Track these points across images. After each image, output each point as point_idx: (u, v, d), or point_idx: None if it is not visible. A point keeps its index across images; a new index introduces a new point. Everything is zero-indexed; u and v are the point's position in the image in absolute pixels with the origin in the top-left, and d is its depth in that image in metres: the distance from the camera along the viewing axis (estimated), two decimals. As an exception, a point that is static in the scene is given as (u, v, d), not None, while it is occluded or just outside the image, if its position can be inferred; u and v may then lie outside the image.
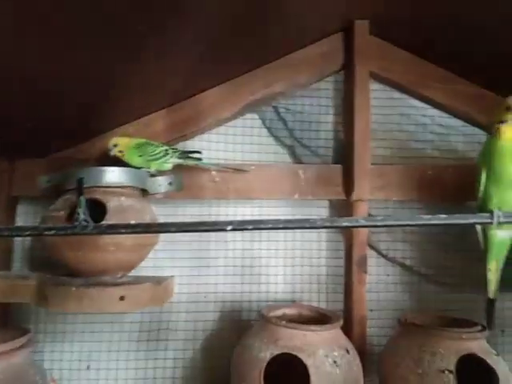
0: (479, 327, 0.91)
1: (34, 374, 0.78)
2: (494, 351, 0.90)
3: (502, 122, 0.73)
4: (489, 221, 0.61)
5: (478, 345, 0.88)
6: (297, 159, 1.14)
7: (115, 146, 0.96)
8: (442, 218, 0.58)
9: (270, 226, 0.60)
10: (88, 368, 1.05)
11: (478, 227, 0.82)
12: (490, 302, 0.87)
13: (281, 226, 0.60)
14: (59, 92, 0.81)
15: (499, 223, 0.61)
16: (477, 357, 0.86)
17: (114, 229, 0.61)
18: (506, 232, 0.78)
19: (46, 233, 0.58)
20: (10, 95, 0.76)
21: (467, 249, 1.12)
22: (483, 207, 0.76)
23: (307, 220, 0.61)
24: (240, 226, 0.60)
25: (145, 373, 1.07)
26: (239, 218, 1.12)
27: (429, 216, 0.59)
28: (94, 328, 1.07)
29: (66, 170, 0.94)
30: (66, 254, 0.85)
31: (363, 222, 0.60)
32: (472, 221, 0.61)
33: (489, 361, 0.86)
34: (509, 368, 0.88)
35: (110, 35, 0.71)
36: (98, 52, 0.74)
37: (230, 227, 0.60)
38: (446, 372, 0.85)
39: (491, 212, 0.63)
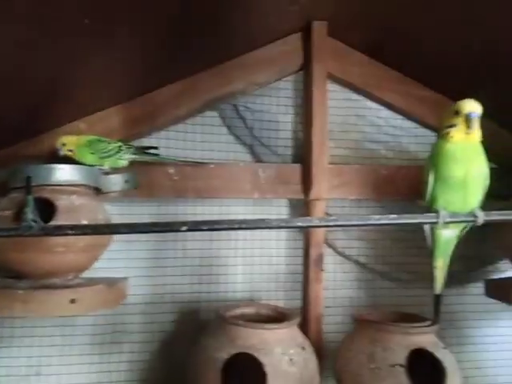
0: (428, 322, 0.95)
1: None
2: (442, 344, 0.94)
3: (451, 126, 0.75)
4: (435, 220, 0.63)
5: (427, 339, 0.92)
6: (256, 158, 1.14)
7: (63, 145, 0.92)
8: (390, 218, 0.60)
9: (225, 226, 0.60)
10: (37, 374, 1.01)
11: (426, 226, 0.85)
12: (437, 298, 0.91)
13: (236, 226, 0.60)
14: (5, 84, 0.77)
15: (444, 223, 0.64)
16: (426, 351, 0.90)
17: (62, 230, 0.58)
18: (451, 231, 0.82)
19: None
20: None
21: (420, 245, 1.15)
22: (430, 207, 0.79)
23: (262, 220, 0.61)
24: (195, 226, 0.59)
25: (98, 377, 1.04)
26: (199, 218, 1.10)
27: (378, 216, 0.60)
28: (45, 332, 1.02)
29: (12, 166, 0.89)
30: (10, 255, 0.81)
31: (317, 222, 0.60)
32: (419, 220, 0.63)
33: (437, 354, 0.89)
34: (456, 360, 0.93)
35: (57, 29, 0.68)
36: (49, 46, 0.71)
37: (184, 228, 0.59)
38: (397, 366, 0.88)
39: (437, 212, 0.65)
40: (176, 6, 0.77)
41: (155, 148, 1.01)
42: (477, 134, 0.75)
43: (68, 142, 0.93)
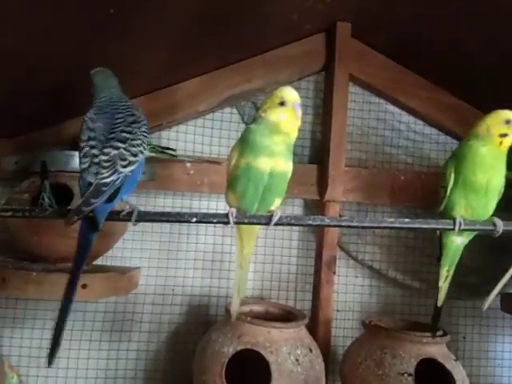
0: (440, 332, 0.93)
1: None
2: (453, 356, 0.92)
3: (504, 135, 0.73)
4: (451, 227, 0.62)
5: (437, 349, 0.90)
6: (273, 157, 1.13)
7: None
8: (404, 222, 0.59)
9: (235, 220, 0.60)
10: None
11: (437, 233, 0.83)
12: (436, 310, 0.88)
13: (246, 220, 0.60)
14: (31, 75, 0.79)
15: (460, 230, 0.62)
16: (436, 361, 0.88)
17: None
18: (462, 239, 0.79)
19: (2, 214, 0.56)
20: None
21: (434, 254, 1.13)
22: (446, 213, 0.77)
23: (272, 216, 0.61)
24: (204, 218, 0.59)
25: (106, 364, 1.06)
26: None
27: (391, 219, 0.59)
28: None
29: (33, 152, 0.91)
30: (28, 237, 0.83)
31: (328, 222, 0.60)
32: (434, 226, 0.61)
33: (447, 365, 0.87)
34: (467, 373, 0.90)
35: (83, 19, 0.70)
36: (73, 33, 0.73)
37: (194, 219, 0.59)
38: (406, 375, 0.86)
39: (454, 219, 0.64)
40: (200, 4, 0.78)
41: (173, 149, 1.02)
42: None
43: None
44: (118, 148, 0.63)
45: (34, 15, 0.65)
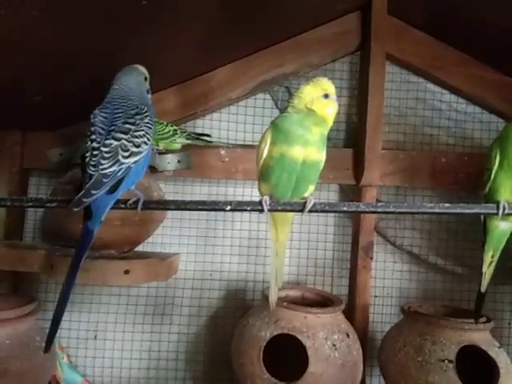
0: (484, 319, 0.90)
1: (40, 340, 0.81)
2: (496, 343, 0.89)
3: None
4: (494, 211, 0.59)
5: (480, 336, 0.88)
6: (307, 141, 1.12)
7: None
8: (444, 207, 0.57)
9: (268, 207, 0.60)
10: (95, 338, 1.09)
11: (481, 217, 0.80)
12: (480, 296, 0.85)
13: (279, 208, 0.60)
14: (71, 66, 0.82)
15: (504, 214, 0.59)
16: (479, 348, 0.86)
17: (114, 204, 0.61)
18: (507, 224, 0.76)
19: (48, 205, 0.59)
20: (23, 68, 0.77)
21: (478, 239, 1.09)
22: (490, 197, 0.73)
23: (305, 203, 0.60)
24: (238, 206, 0.60)
25: (149, 346, 1.10)
26: (246, 199, 1.12)
27: (431, 204, 0.57)
28: (102, 300, 1.10)
29: (76, 144, 0.95)
30: (73, 226, 0.87)
31: (363, 208, 0.59)
32: (476, 211, 0.59)
33: (490, 353, 0.85)
34: (512, 360, 0.87)
35: (121, 10, 0.71)
36: (109, 27, 0.74)
37: (228, 207, 0.60)
38: (446, 361, 0.85)
39: (497, 203, 0.61)
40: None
41: (208, 135, 1.03)
42: None
43: None
44: (119, 139, 0.63)
45: (72, 14, 0.67)
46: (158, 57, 0.91)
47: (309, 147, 0.61)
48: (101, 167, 0.60)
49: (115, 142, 0.62)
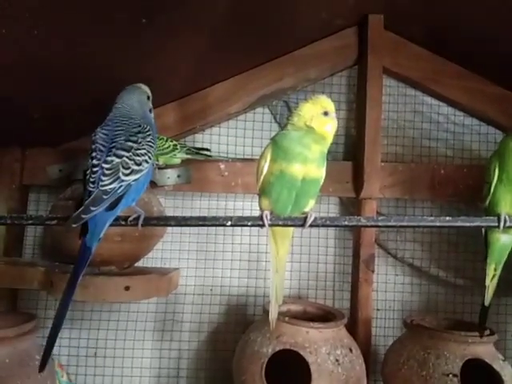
0: (487, 331, 0.89)
1: (40, 359, 0.80)
2: (501, 356, 0.88)
3: None
4: (495, 224, 0.59)
5: (484, 349, 0.87)
6: (307, 155, 1.12)
7: None
8: (445, 221, 0.57)
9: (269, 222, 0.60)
10: (95, 355, 1.08)
11: (482, 230, 0.80)
12: (483, 309, 0.85)
13: (280, 223, 0.60)
14: (71, 83, 0.82)
15: (506, 227, 0.59)
16: (483, 361, 0.85)
17: (115, 220, 0.61)
18: (509, 236, 0.76)
19: (48, 222, 0.59)
20: (23, 85, 0.78)
21: (480, 251, 1.09)
22: (490, 210, 0.73)
23: (306, 218, 0.60)
24: (239, 221, 0.60)
25: (150, 362, 1.09)
26: (247, 213, 1.12)
27: (432, 217, 0.57)
28: (102, 316, 1.09)
29: (75, 160, 0.95)
30: (72, 242, 0.86)
31: (364, 222, 0.59)
32: (477, 224, 0.59)
33: (495, 366, 0.84)
34: (517, 373, 0.86)
35: (120, 29, 0.72)
36: (109, 44, 0.75)
37: (229, 223, 0.60)
38: (451, 376, 0.84)
39: (498, 216, 0.61)
40: (227, 6, 0.78)
41: (207, 150, 1.04)
42: None
43: None
44: (121, 156, 0.63)
45: (72, 30, 0.68)
46: (158, 73, 0.92)
47: (308, 164, 0.61)
48: (101, 184, 0.60)
49: (116, 159, 0.62)
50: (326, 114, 0.63)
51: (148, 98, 0.76)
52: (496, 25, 0.90)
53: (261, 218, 0.61)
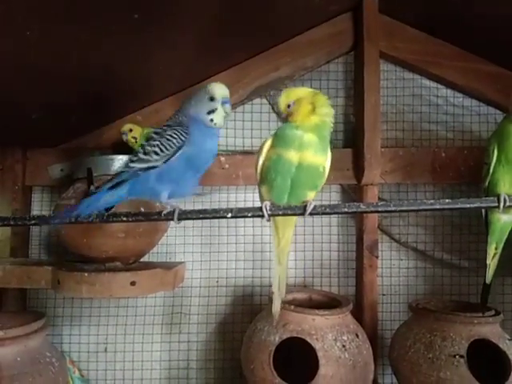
0: (492, 312, 0.90)
1: (51, 356, 0.81)
2: (507, 336, 0.88)
3: None
4: (495, 205, 0.59)
5: (490, 329, 0.87)
6: (306, 144, 1.12)
7: (130, 130, 0.97)
8: (445, 203, 0.57)
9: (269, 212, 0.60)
10: (105, 350, 1.09)
11: (482, 210, 0.80)
12: (486, 287, 0.85)
13: (280, 212, 0.60)
14: (69, 81, 0.82)
15: (506, 207, 0.59)
16: (489, 342, 0.85)
17: (117, 217, 0.62)
18: (509, 216, 0.76)
19: (52, 221, 0.59)
20: (22, 86, 0.78)
21: (483, 231, 1.09)
22: (490, 190, 0.73)
23: (305, 206, 0.61)
24: (240, 213, 0.60)
25: (160, 355, 1.10)
26: (249, 205, 1.12)
27: (431, 200, 0.57)
28: (110, 312, 1.10)
29: (76, 159, 0.96)
30: (77, 240, 0.87)
31: (364, 208, 0.59)
32: (477, 205, 0.59)
33: (501, 345, 0.84)
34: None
35: (113, 26, 0.71)
36: (106, 41, 0.75)
37: (229, 214, 0.60)
38: (457, 357, 0.84)
39: (498, 196, 0.61)
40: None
41: None
42: None
43: (134, 130, 0.97)
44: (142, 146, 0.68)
45: (72, 29, 0.68)
46: (156, 68, 0.92)
47: (304, 150, 0.62)
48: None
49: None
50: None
51: (211, 98, 0.69)
52: (493, 3, 0.88)
53: (261, 208, 0.61)
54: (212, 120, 0.68)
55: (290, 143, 0.62)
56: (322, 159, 0.65)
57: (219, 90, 0.69)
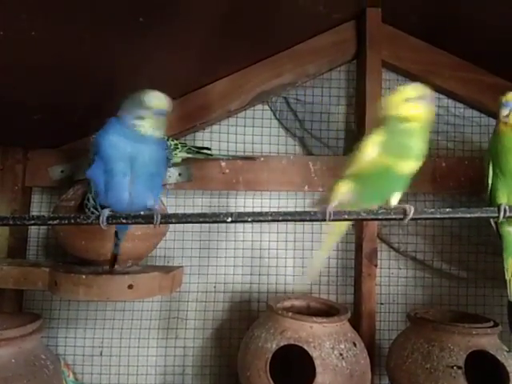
0: (491, 323, 0.89)
1: (46, 359, 0.81)
2: (505, 347, 0.88)
3: (506, 116, 0.69)
4: (495, 215, 0.59)
5: (488, 341, 0.87)
6: (307, 151, 1.13)
7: None
8: (445, 212, 0.57)
9: (269, 218, 0.60)
10: (101, 354, 1.08)
11: (493, 224, 0.79)
12: (510, 305, 0.84)
13: (280, 218, 0.60)
14: (71, 83, 0.83)
15: (505, 217, 0.59)
16: (487, 353, 0.85)
17: (116, 219, 0.62)
18: None
19: (50, 222, 0.59)
20: (24, 86, 0.78)
21: (483, 242, 1.09)
22: (492, 201, 0.73)
23: (308, 212, 0.61)
24: (239, 218, 0.60)
25: (155, 360, 1.10)
26: (248, 210, 1.12)
27: (432, 210, 0.57)
28: (106, 315, 1.09)
29: (77, 160, 0.96)
30: (76, 242, 0.87)
31: (364, 215, 0.59)
32: (477, 215, 0.59)
33: (499, 357, 0.84)
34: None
35: (118, 28, 0.72)
36: (108, 43, 0.75)
37: (229, 219, 0.60)
38: (455, 368, 0.84)
39: (498, 206, 0.61)
40: (224, 3, 0.78)
41: (208, 149, 1.04)
42: None
43: None
44: None
45: (73, 30, 0.68)
46: (158, 72, 0.92)
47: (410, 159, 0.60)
48: None
49: None
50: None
51: (144, 106, 0.69)
52: (495, 15, 0.89)
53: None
54: (136, 125, 0.66)
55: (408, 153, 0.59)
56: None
57: (156, 100, 0.67)
